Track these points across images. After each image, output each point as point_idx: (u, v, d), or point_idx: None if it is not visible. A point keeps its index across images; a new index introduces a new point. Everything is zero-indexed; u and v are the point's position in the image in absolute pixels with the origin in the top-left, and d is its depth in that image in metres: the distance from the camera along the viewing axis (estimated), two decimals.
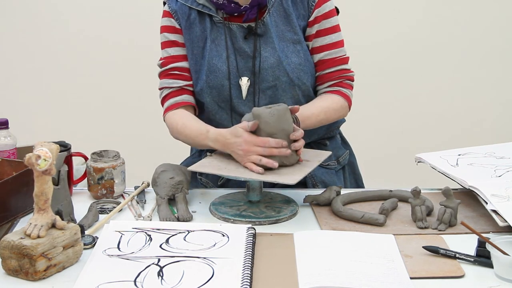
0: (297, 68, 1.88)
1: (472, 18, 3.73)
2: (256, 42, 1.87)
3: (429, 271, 1.42)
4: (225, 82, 1.88)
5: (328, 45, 1.92)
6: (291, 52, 1.88)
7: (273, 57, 1.87)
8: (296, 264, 1.43)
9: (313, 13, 1.90)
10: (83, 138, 2.83)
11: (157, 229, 1.60)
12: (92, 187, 1.83)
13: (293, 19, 1.88)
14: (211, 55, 1.88)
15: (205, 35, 1.89)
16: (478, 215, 1.72)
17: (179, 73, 1.93)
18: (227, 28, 1.88)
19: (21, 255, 1.37)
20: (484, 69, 3.78)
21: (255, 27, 1.87)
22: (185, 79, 1.93)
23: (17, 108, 3.55)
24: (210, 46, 1.88)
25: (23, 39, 3.64)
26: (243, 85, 1.88)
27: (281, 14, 1.88)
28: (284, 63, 1.87)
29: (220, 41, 1.88)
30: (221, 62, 1.87)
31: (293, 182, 1.62)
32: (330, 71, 1.93)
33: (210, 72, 1.88)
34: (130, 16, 3.64)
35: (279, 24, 1.88)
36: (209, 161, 1.74)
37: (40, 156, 1.37)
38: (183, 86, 1.93)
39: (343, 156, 2.06)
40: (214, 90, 1.88)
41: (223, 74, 1.87)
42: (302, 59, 1.89)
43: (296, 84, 1.89)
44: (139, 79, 3.70)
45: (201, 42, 1.90)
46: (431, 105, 3.79)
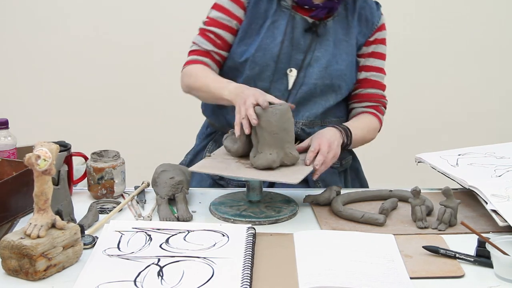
0: (341, 76, 1.93)
1: (472, 18, 3.73)
2: (313, 39, 1.91)
3: (429, 271, 1.42)
4: (270, 63, 1.90)
5: (376, 68, 2.02)
6: (342, 60, 1.94)
7: (324, 59, 1.92)
8: (296, 264, 1.43)
9: (374, 34, 2.00)
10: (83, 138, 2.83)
11: (157, 229, 1.60)
12: (92, 187, 1.83)
13: (353, 33, 1.96)
14: (266, 35, 1.91)
15: (267, 15, 1.92)
16: (478, 215, 1.72)
17: (214, 38, 1.95)
18: (290, 15, 1.91)
19: (21, 255, 1.37)
20: (484, 69, 3.78)
21: (318, 26, 1.91)
22: (216, 45, 1.95)
23: (17, 108, 3.54)
24: (268, 27, 1.91)
25: (23, 39, 3.64)
26: (291, 77, 1.92)
27: (343, 25, 1.95)
28: (331, 68, 1.92)
29: (279, 25, 1.91)
30: (273, 44, 1.90)
31: (296, 182, 1.62)
32: (372, 92, 2.01)
33: (260, 49, 1.90)
34: (130, 16, 3.64)
35: (338, 33, 1.94)
36: (209, 161, 1.74)
37: (40, 156, 1.37)
38: (211, 50, 1.95)
39: (346, 159, 2.07)
40: (258, 67, 1.90)
41: (271, 55, 1.90)
42: (349, 69, 1.95)
43: (334, 90, 1.94)
44: (139, 79, 3.70)
45: (261, 20, 1.92)
46: (431, 105, 3.79)
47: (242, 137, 1.72)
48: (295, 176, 1.65)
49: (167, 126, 3.70)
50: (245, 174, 1.66)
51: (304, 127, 1.94)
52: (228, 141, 1.77)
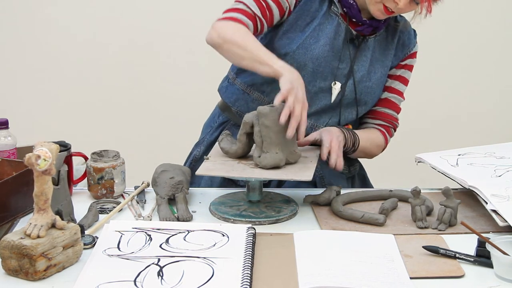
0: (370, 94, 1.96)
1: (472, 18, 3.73)
2: (353, 51, 1.92)
3: (429, 271, 1.42)
4: (308, 63, 1.89)
5: (398, 91, 2.04)
6: (375, 79, 1.96)
7: (358, 73, 1.93)
8: (296, 264, 1.43)
9: (406, 60, 2.03)
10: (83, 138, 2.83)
11: (157, 229, 1.60)
12: (92, 187, 1.83)
13: (390, 55, 1.98)
14: (311, 34, 1.89)
15: (316, 15, 1.91)
16: (478, 215, 1.72)
17: (265, 7, 1.84)
18: (337, 22, 1.91)
19: (21, 255, 1.36)
20: (484, 69, 3.78)
21: (360, 40, 1.92)
22: (264, 14, 1.84)
23: (17, 108, 3.54)
24: (315, 27, 1.90)
25: (23, 39, 3.64)
26: (335, 89, 1.92)
27: (382, 45, 1.97)
28: (364, 84, 1.94)
29: (325, 28, 1.90)
30: (316, 45, 1.89)
31: (309, 179, 1.64)
32: (387, 112, 2.04)
33: (302, 47, 1.89)
34: (130, 16, 3.64)
35: (376, 51, 1.96)
36: (212, 164, 1.73)
37: (40, 156, 1.37)
38: (258, 16, 1.83)
39: (354, 166, 2.08)
40: (295, 63, 1.87)
41: (311, 55, 1.88)
42: (378, 88, 1.98)
43: (360, 105, 1.96)
44: (139, 79, 3.70)
45: (309, 18, 1.91)
46: (431, 105, 3.79)
47: (242, 138, 1.72)
48: (305, 173, 1.66)
49: (167, 126, 3.71)
50: (256, 174, 1.66)
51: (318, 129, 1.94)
52: (225, 142, 1.76)
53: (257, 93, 1.97)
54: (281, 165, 1.69)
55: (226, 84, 2.05)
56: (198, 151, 2.09)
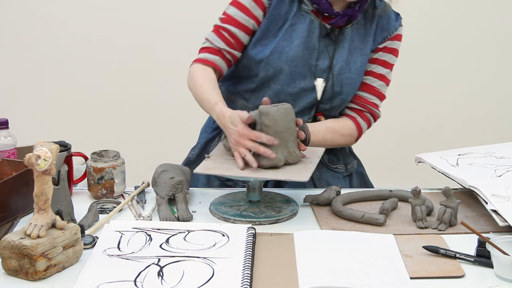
0: (351, 85, 1.94)
1: (472, 17, 3.73)
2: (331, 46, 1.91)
3: (429, 271, 1.42)
4: (284, 67, 1.89)
5: (376, 74, 1.99)
6: (355, 69, 1.93)
7: (338, 65, 1.91)
8: (296, 264, 1.43)
9: (385, 43, 1.98)
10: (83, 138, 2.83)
11: (157, 229, 1.60)
12: (92, 187, 1.83)
13: (369, 42, 1.95)
14: (283, 37, 1.89)
15: (287, 17, 1.90)
16: (478, 215, 1.72)
17: (227, 37, 1.92)
18: (310, 20, 1.90)
19: (21, 255, 1.36)
20: (485, 69, 3.78)
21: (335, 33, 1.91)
22: (229, 44, 1.92)
23: (17, 108, 3.54)
24: (287, 29, 1.90)
25: (23, 39, 3.64)
26: (318, 86, 1.91)
27: (361, 33, 1.94)
28: (344, 75, 1.92)
29: (297, 28, 1.90)
30: (290, 47, 1.89)
31: (306, 179, 1.63)
32: (362, 95, 1.99)
33: (276, 51, 1.89)
34: (130, 16, 3.64)
35: (355, 40, 1.93)
36: (211, 162, 1.74)
37: (40, 156, 1.37)
38: (222, 49, 1.92)
39: (351, 164, 2.07)
40: (271, 69, 1.89)
41: (286, 58, 1.88)
42: (359, 79, 1.95)
43: (343, 98, 1.94)
44: (139, 79, 3.70)
45: (281, 22, 1.91)
46: (431, 105, 3.79)
47: None
48: (303, 174, 1.66)
49: (167, 126, 3.70)
50: (253, 174, 1.66)
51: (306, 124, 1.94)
52: (226, 141, 1.77)
53: (241, 101, 1.99)
54: (279, 165, 1.69)
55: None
56: (193, 154, 2.11)
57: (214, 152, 1.80)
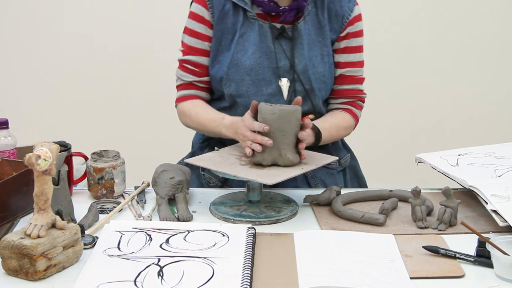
0: (320, 79, 1.91)
1: (472, 17, 3.72)
2: (288, 44, 1.89)
3: (429, 271, 1.42)
4: (245, 77, 1.89)
5: (351, 63, 1.97)
6: (318, 62, 1.91)
7: (300, 64, 1.89)
8: (296, 264, 1.43)
9: (346, 29, 1.94)
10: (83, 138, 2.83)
11: (157, 229, 1.60)
12: (92, 187, 1.83)
13: (326, 32, 1.91)
14: (236, 49, 1.89)
15: (235, 28, 1.90)
16: (478, 215, 1.72)
17: (192, 68, 1.94)
18: (259, 25, 1.89)
19: (21, 255, 1.36)
20: (484, 69, 3.78)
21: (290, 30, 1.88)
22: (196, 74, 1.95)
23: (17, 108, 3.54)
24: (238, 40, 1.89)
25: (23, 39, 3.64)
26: (284, 86, 1.89)
27: (315, 24, 1.91)
28: (310, 71, 1.89)
29: (248, 36, 1.89)
30: (245, 57, 1.88)
31: (268, 183, 1.62)
32: (347, 88, 1.98)
33: (233, 65, 1.89)
34: (130, 16, 3.63)
35: (311, 33, 1.91)
36: (210, 155, 1.75)
37: (40, 156, 1.37)
38: (192, 81, 1.95)
39: (344, 158, 2.06)
40: (233, 84, 1.89)
41: (245, 69, 1.88)
42: (327, 71, 1.92)
43: (316, 94, 1.92)
44: (139, 79, 3.70)
45: (230, 34, 1.90)
46: (431, 105, 3.79)
47: None
48: (274, 178, 1.64)
49: (167, 126, 3.68)
50: (226, 170, 1.67)
51: None
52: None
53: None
54: (263, 164, 1.70)
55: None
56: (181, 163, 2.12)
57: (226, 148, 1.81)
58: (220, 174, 1.71)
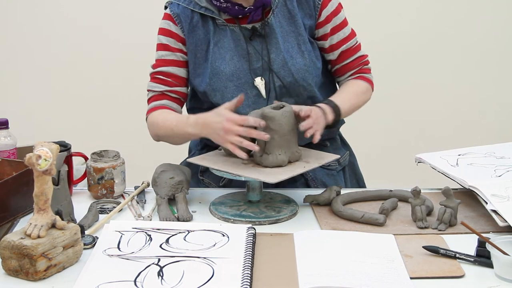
0: (302, 69, 1.88)
1: (472, 17, 3.72)
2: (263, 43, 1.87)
3: (429, 271, 1.42)
4: (228, 84, 1.87)
5: (343, 40, 1.96)
6: (296, 52, 1.89)
7: (278, 58, 1.87)
8: (296, 264, 1.43)
9: (322, 13, 1.92)
10: (83, 138, 2.83)
11: (157, 229, 1.60)
12: (92, 187, 1.83)
13: (298, 20, 1.89)
14: (214, 58, 1.88)
15: (208, 38, 1.89)
16: (478, 215, 1.72)
17: (164, 78, 1.92)
18: (230, 30, 1.88)
19: (21, 255, 1.37)
20: (484, 69, 3.78)
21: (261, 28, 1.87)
22: (168, 84, 1.92)
23: (17, 108, 3.54)
24: (213, 49, 1.88)
25: (23, 39, 3.64)
26: (259, 85, 1.88)
27: (286, 14, 1.89)
28: (289, 63, 1.88)
29: (223, 43, 1.88)
30: (224, 64, 1.87)
31: (272, 181, 1.63)
32: (349, 61, 1.98)
33: (213, 74, 1.87)
34: (130, 15, 3.63)
35: (283, 25, 1.89)
36: (211, 155, 1.76)
37: (40, 156, 1.37)
38: (164, 91, 1.92)
39: (343, 157, 2.06)
40: (218, 93, 1.88)
41: (226, 76, 1.87)
42: (307, 59, 1.90)
43: (301, 84, 1.89)
44: (139, 79, 3.68)
45: (204, 45, 1.89)
46: (431, 105, 3.79)
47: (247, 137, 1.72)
48: (277, 176, 1.64)
49: None
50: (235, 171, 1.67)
51: None
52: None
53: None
54: (283, 165, 1.70)
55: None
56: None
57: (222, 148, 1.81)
58: (221, 173, 1.70)
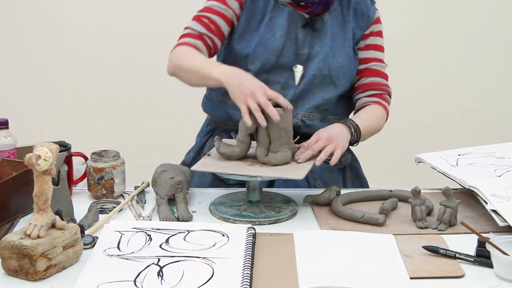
0: (340, 68, 1.96)
1: (472, 17, 3.73)
2: (312, 34, 1.94)
3: (429, 271, 1.42)
4: (271, 57, 1.92)
5: (375, 58, 2.04)
6: (339, 52, 1.96)
7: (322, 51, 1.94)
8: (296, 264, 1.43)
9: (370, 28, 2.03)
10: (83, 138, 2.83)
11: (157, 229, 1.60)
12: (92, 187, 1.83)
13: (348, 27, 1.99)
14: (265, 30, 1.93)
15: (265, 11, 1.95)
16: (478, 215, 1.72)
17: (208, 23, 1.94)
18: (288, 11, 1.94)
19: (21, 255, 1.36)
20: (484, 69, 3.78)
21: (315, 21, 1.94)
22: (209, 29, 1.94)
23: (17, 108, 3.54)
24: (267, 22, 1.94)
25: (23, 39, 3.64)
26: (297, 72, 1.93)
27: (339, 19, 1.98)
28: (330, 59, 1.94)
29: (277, 20, 1.94)
30: (273, 38, 1.92)
31: (301, 177, 1.64)
32: (374, 81, 2.03)
33: (260, 44, 1.92)
34: (130, 15, 3.64)
35: (334, 27, 1.97)
36: (209, 160, 1.74)
37: (40, 156, 1.36)
38: (203, 33, 1.93)
39: (345, 157, 2.06)
40: (259, 61, 1.92)
41: (272, 49, 1.92)
42: (347, 62, 1.97)
43: (333, 82, 1.96)
44: (139, 79, 3.70)
45: (260, 16, 1.95)
46: (431, 105, 3.79)
47: (246, 139, 1.72)
48: (299, 171, 1.67)
49: (167, 126, 3.70)
50: (250, 172, 1.67)
51: (304, 118, 1.96)
52: (224, 147, 1.74)
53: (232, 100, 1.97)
54: (289, 162, 1.72)
55: (204, 100, 2.11)
56: (188, 157, 2.13)
57: (213, 151, 1.80)
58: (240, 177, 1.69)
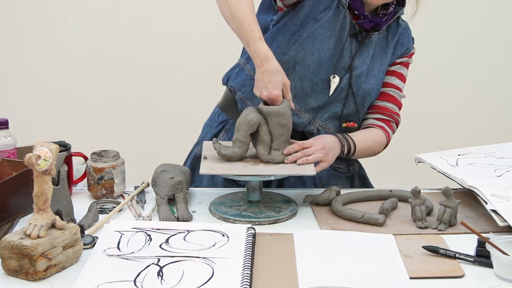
0: (368, 92, 1.95)
1: (472, 17, 3.73)
2: (356, 46, 1.92)
3: (429, 271, 1.42)
4: (315, 52, 1.88)
5: (395, 86, 2.03)
6: (373, 76, 1.96)
7: (359, 69, 1.93)
8: (296, 264, 1.43)
9: (402, 58, 2.03)
10: (83, 138, 2.83)
11: (157, 229, 1.60)
12: (92, 187, 1.83)
13: (388, 53, 1.99)
14: (322, 25, 1.88)
15: (330, 4, 1.89)
16: (478, 215, 1.72)
17: None
18: (343, 15, 1.89)
19: (21, 255, 1.36)
20: (484, 69, 3.78)
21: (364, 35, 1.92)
22: None
23: (17, 108, 3.54)
24: (328, 18, 1.88)
25: (23, 39, 3.64)
26: (333, 83, 1.91)
27: (383, 43, 1.98)
28: (363, 79, 1.93)
29: (334, 20, 1.88)
30: (324, 35, 1.88)
31: (314, 173, 1.68)
32: (385, 105, 2.02)
33: (312, 36, 1.88)
34: (130, 16, 3.64)
35: (377, 49, 1.96)
36: (212, 163, 1.73)
37: (40, 156, 1.37)
38: None
39: (353, 166, 2.07)
40: (302, 51, 1.88)
41: (320, 44, 1.87)
42: (376, 86, 1.97)
43: (357, 102, 1.95)
44: (139, 79, 3.70)
45: (323, 6, 1.88)
46: (431, 105, 3.79)
47: (247, 139, 1.72)
48: (307, 168, 1.69)
49: (167, 126, 3.71)
50: (260, 171, 1.68)
51: (320, 128, 1.95)
52: (224, 149, 1.73)
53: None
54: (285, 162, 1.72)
55: (236, 71, 2.03)
56: (199, 150, 2.08)
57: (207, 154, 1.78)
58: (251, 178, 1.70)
